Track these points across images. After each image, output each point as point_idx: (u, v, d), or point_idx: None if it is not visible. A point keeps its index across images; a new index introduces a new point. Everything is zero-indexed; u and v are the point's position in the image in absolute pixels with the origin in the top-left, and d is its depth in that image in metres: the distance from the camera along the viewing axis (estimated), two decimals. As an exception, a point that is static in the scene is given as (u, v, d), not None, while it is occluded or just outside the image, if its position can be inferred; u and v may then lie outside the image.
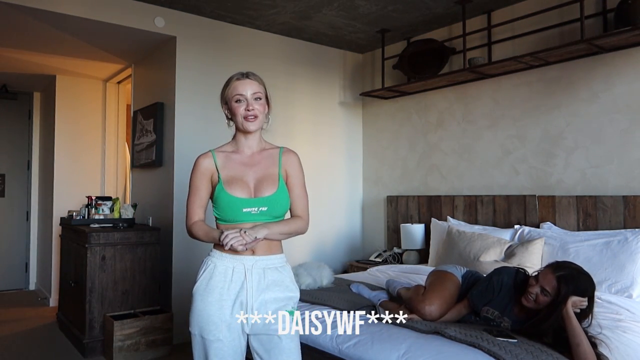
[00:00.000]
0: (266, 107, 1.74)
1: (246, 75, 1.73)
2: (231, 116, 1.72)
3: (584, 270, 2.00)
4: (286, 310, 1.63)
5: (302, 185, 1.76)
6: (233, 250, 1.55)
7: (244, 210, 1.61)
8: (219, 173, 1.68)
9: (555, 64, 3.30)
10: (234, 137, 1.78)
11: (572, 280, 1.91)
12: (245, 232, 1.53)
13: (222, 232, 1.55)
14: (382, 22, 3.94)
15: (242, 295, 1.60)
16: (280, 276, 1.65)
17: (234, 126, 1.76)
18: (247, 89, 1.69)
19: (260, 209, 1.62)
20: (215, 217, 1.68)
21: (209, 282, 1.61)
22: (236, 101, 1.68)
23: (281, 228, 1.64)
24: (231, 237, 1.51)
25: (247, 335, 1.64)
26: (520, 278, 2.13)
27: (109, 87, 5.31)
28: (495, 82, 3.67)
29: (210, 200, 1.71)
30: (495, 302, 2.11)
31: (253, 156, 1.73)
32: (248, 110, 1.67)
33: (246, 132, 1.71)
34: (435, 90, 4.10)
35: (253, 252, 1.62)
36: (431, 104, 4.15)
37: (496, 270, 2.25)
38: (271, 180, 1.68)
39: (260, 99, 1.70)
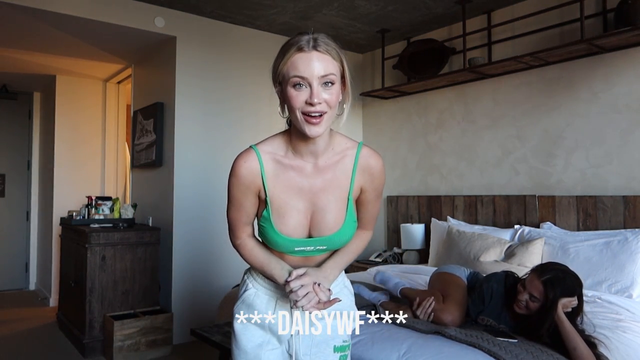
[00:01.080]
0: (341, 93, 1.18)
1: (314, 46, 1.11)
2: (286, 104, 1.18)
3: (569, 270, 1.99)
4: (334, 345, 1.32)
5: (378, 198, 1.34)
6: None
7: (297, 249, 1.25)
8: (266, 193, 1.22)
9: (555, 64, 3.30)
10: (288, 132, 1.24)
11: (559, 282, 1.91)
12: (319, 285, 1.18)
13: (288, 278, 1.20)
14: (382, 22, 3.94)
15: (285, 335, 1.30)
16: (334, 306, 1.29)
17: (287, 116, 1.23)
18: (314, 68, 1.11)
19: (317, 247, 1.26)
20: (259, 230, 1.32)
21: (248, 310, 1.32)
22: (294, 85, 1.12)
23: (350, 258, 1.33)
24: (302, 297, 1.15)
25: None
26: (510, 283, 2.12)
27: (109, 87, 5.31)
28: (495, 82, 3.67)
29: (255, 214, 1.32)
30: (488, 310, 2.11)
31: (316, 168, 1.23)
32: (312, 104, 1.11)
33: (306, 136, 1.16)
34: (435, 90, 4.10)
35: None
36: (431, 104, 4.15)
37: (486, 277, 2.24)
38: (337, 209, 1.24)
39: (333, 83, 1.13)
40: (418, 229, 3.92)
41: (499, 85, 3.65)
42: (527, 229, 3.22)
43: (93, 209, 3.87)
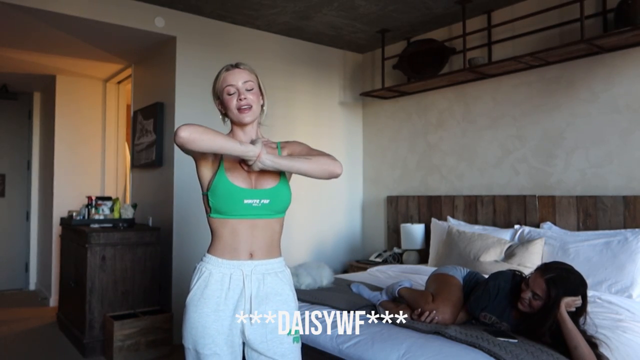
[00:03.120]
0: (260, 97, 1.63)
1: (235, 65, 1.61)
2: (225, 111, 1.61)
3: (574, 269, 1.99)
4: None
5: (310, 148, 1.64)
6: (231, 255, 1.49)
7: (245, 201, 1.50)
8: (221, 162, 1.55)
9: (555, 64, 3.30)
10: (231, 132, 1.65)
11: (562, 281, 1.91)
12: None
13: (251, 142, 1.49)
14: (382, 22, 3.94)
15: (241, 304, 1.48)
16: (280, 284, 1.55)
17: (229, 122, 1.65)
18: (238, 78, 1.57)
19: (262, 201, 1.51)
20: (209, 210, 1.55)
21: (204, 291, 1.49)
22: (228, 94, 1.57)
23: (303, 161, 1.52)
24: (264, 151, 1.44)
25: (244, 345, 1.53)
26: (517, 281, 2.12)
27: (109, 87, 5.31)
28: (495, 82, 3.67)
29: (203, 195, 1.59)
30: (491, 307, 2.11)
31: None
32: (240, 100, 1.55)
33: (242, 125, 1.59)
34: (435, 90, 4.10)
35: (251, 256, 1.51)
36: (431, 104, 4.15)
37: (493, 275, 2.25)
38: (271, 173, 1.55)
39: (252, 89, 1.59)
40: (418, 229, 3.92)
41: (499, 85, 3.65)
42: (527, 229, 3.22)
43: (93, 209, 3.87)
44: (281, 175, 1.58)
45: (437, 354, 1.77)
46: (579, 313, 1.92)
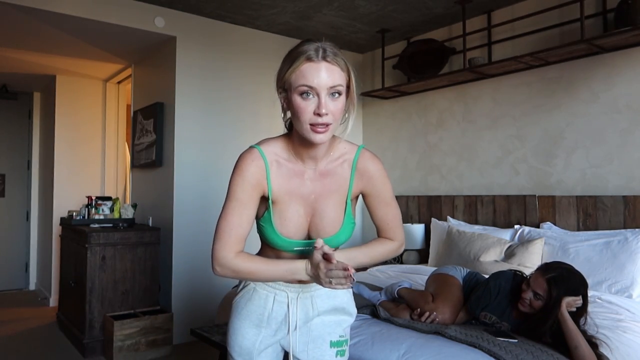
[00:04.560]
0: (344, 103, 1.15)
1: (323, 56, 1.10)
2: (291, 114, 1.18)
3: (574, 269, 2.00)
4: (330, 340, 1.32)
5: (388, 200, 1.32)
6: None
7: (295, 249, 1.26)
8: (269, 194, 1.21)
9: (555, 64, 3.30)
10: (288, 136, 1.25)
11: (563, 280, 1.91)
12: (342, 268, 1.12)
13: (308, 263, 1.15)
14: (382, 22, 3.94)
15: (283, 326, 1.31)
16: (332, 302, 1.33)
17: (288, 119, 1.24)
18: (323, 79, 1.09)
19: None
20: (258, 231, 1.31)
21: (247, 304, 1.32)
22: (302, 94, 1.11)
23: (370, 257, 1.31)
24: (335, 280, 1.10)
25: None
26: (517, 281, 2.13)
27: (109, 87, 5.31)
28: (495, 82, 3.67)
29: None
30: (492, 307, 2.11)
31: (316, 173, 1.25)
32: (319, 114, 1.10)
33: (310, 144, 1.18)
34: (435, 90, 4.10)
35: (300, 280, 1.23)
36: (431, 104, 4.15)
37: (494, 274, 2.25)
38: (335, 213, 1.25)
39: (340, 94, 1.12)
40: (418, 229, 3.92)
41: (499, 85, 3.65)
42: (527, 229, 3.22)
43: (93, 209, 3.87)
44: (346, 213, 1.27)
45: (437, 354, 1.77)
46: (579, 313, 1.92)
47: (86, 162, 5.17)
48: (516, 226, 3.31)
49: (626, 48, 2.97)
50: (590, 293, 2.48)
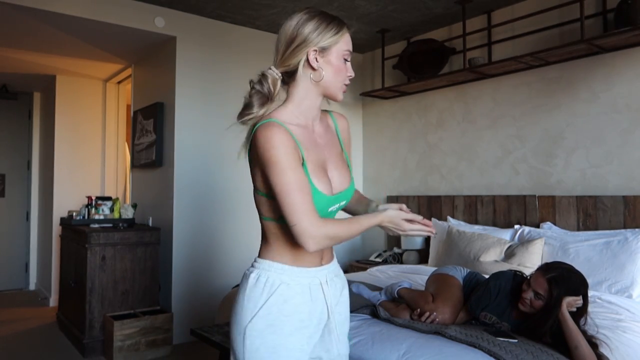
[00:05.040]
0: None
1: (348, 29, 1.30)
2: (320, 72, 1.25)
3: (575, 269, 2.00)
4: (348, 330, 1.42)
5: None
6: (302, 261, 1.25)
7: (330, 209, 1.27)
8: (303, 157, 1.21)
9: (555, 64, 3.30)
10: (296, 99, 1.28)
11: (564, 280, 1.91)
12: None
13: (386, 213, 1.23)
14: (382, 22, 3.94)
15: (323, 318, 1.29)
16: (342, 285, 1.39)
17: (298, 83, 1.27)
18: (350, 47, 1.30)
19: (340, 204, 1.32)
20: (273, 216, 1.23)
21: (282, 307, 1.19)
22: (345, 59, 1.27)
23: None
24: (417, 226, 1.24)
25: None
26: (518, 281, 2.13)
27: (109, 87, 5.32)
28: (495, 82, 3.67)
29: (261, 195, 1.24)
30: (492, 307, 2.11)
31: (319, 130, 1.34)
32: (351, 76, 1.29)
33: (319, 100, 1.30)
34: (435, 90, 4.10)
35: (322, 261, 1.30)
36: (431, 104, 4.15)
37: (494, 275, 2.25)
38: (344, 165, 1.35)
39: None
40: (418, 229, 3.92)
41: (499, 85, 3.65)
42: (527, 229, 3.22)
43: (93, 209, 3.87)
44: (348, 164, 1.39)
45: (437, 354, 1.77)
46: (579, 313, 1.92)
47: (86, 162, 5.17)
48: (516, 226, 3.31)
49: (626, 48, 2.97)
50: (590, 293, 2.48)
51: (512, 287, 2.11)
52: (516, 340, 1.87)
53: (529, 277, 2.04)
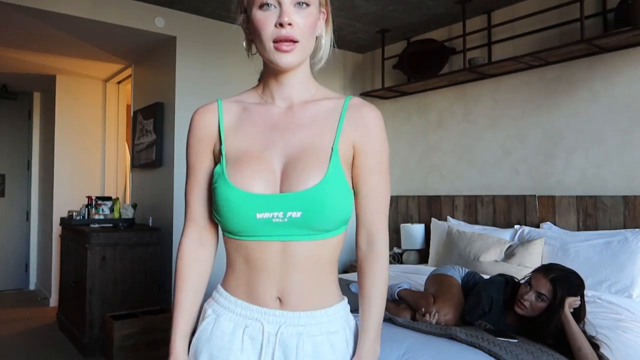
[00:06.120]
0: (319, 21, 0.97)
1: None
2: (251, 37, 0.97)
3: (572, 270, 2.00)
4: None
5: (383, 174, 0.98)
6: (248, 295, 0.95)
7: (259, 216, 0.89)
8: (222, 143, 0.96)
9: (555, 64, 3.30)
10: (260, 79, 1.05)
11: (565, 281, 1.92)
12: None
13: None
14: (382, 22, 3.94)
15: None
16: (329, 354, 0.94)
17: (259, 61, 1.02)
18: None
19: (288, 214, 0.88)
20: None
21: (205, 345, 0.99)
22: (261, 6, 0.90)
23: (379, 301, 1.00)
24: None
25: None
26: (509, 290, 2.12)
27: (109, 87, 5.32)
28: (495, 82, 3.67)
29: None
30: (487, 317, 2.11)
31: (292, 111, 0.98)
32: (281, 24, 0.89)
33: (278, 70, 0.96)
34: (435, 90, 4.10)
35: (280, 303, 0.93)
36: (431, 104, 4.15)
37: (484, 283, 2.23)
38: (316, 157, 0.92)
39: (307, 5, 0.91)
40: (418, 229, 3.92)
41: (499, 85, 3.65)
42: (527, 229, 3.22)
43: (93, 209, 3.87)
44: (332, 158, 0.92)
45: (437, 354, 1.77)
46: (578, 314, 1.92)
47: (86, 162, 5.17)
48: (516, 226, 3.31)
49: (626, 48, 2.97)
50: (590, 293, 2.49)
51: (504, 295, 2.11)
52: (516, 340, 1.87)
53: (525, 281, 2.04)
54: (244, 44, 1.03)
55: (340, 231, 0.96)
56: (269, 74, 1.00)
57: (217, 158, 0.98)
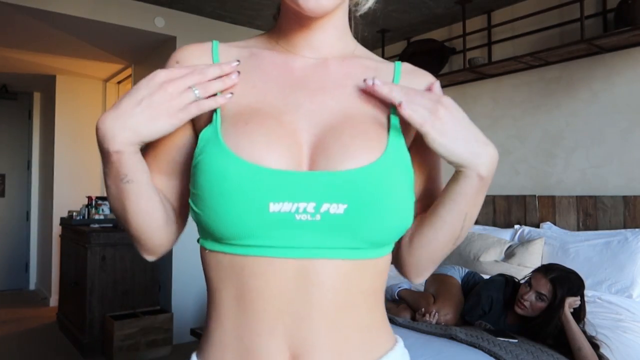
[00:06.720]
0: None
1: None
2: None
3: (572, 270, 2.00)
4: None
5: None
6: None
7: (273, 208, 0.55)
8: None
9: (555, 64, 3.30)
10: (276, 26, 0.77)
11: (565, 281, 1.92)
12: None
13: None
14: (382, 22, 3.94)
15: None
16: None
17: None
18: None
19: (324, 207, 0.56)
20: (200, 236, 0.72)
21: None
22: None
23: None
24: None
25: None
26: (509, 290, 2.12)
27: (109, 87, 5.31)
28: (495, 82, 3.67)
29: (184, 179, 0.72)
30: (487, 317, 2.11)
31: (325, 66, 0.72)
32: None
33: (305, 18, 0.69)
34: (435, 90, 4.09)
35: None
36: (431, 104, 4.14)
37: (485, 284, 2.23)
38: (367, 127, 0.64)
39: None
40: (418, 229, 3.92)
41: (499, 85, 3.65)
42: (527, 229, 3.22)
43: (93, 209, 3.87)
44: (390, 132, 0.65)
45: (437, 354, 1.77)
46: (578, 314, 1.93)
47: (86, 162, 5.17)
48: (516, 226, 3.31)
49: (626, 48, 2.97)
50: (590, 293, 2.49)
51: (504, 295, 2.11)
52: (516, 340, 1.87)
53: (525, 281, 2.04)
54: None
55: (391, 248, 0.66)
56: (289, 18, 0.70)
57: (204, 121, 0.64)
